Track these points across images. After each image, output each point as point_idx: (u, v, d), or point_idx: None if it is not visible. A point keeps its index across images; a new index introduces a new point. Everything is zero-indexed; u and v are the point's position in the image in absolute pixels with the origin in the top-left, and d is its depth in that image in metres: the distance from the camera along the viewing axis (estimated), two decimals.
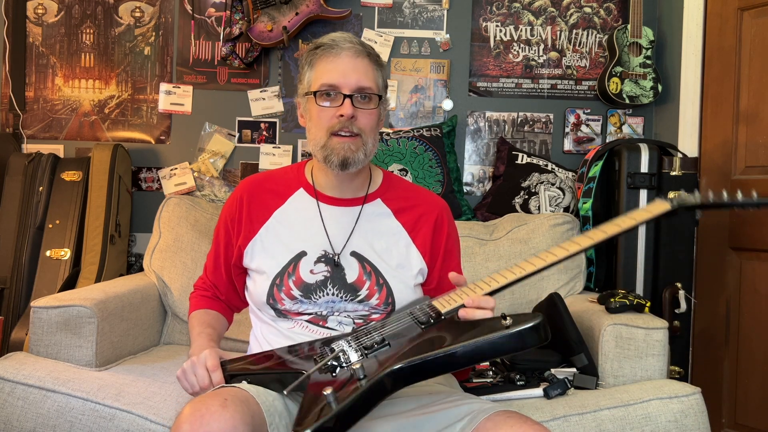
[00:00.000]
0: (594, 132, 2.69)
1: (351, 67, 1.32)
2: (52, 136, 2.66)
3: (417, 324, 1.19)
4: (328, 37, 1.36)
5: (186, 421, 1.04)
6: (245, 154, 2.67)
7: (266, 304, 1.38)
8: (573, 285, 2.21)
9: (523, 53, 2.69)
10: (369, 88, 1.33)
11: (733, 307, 2.23)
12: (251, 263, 1.42)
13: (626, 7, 2.61)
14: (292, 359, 1.25)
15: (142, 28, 2.67)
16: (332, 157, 1.33)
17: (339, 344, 1.20)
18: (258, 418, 1.12)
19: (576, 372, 1.76)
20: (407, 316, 1.24)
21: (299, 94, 1.42)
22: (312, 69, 1.36)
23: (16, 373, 1.55)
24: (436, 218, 1.45)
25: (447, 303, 1.20)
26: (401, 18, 2.67)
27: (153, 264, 2.17)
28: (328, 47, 1.34)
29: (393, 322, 1.24)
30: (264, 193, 1.46)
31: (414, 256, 1.41)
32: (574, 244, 1.19)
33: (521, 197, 2.53)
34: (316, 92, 1.33)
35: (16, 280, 2.32)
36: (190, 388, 1.26)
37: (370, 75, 1.34)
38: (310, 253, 1.38)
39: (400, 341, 1.15)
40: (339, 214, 1.41)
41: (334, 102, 1.32)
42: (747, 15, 2.24)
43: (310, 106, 1.36)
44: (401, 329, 1.20)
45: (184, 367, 1.27)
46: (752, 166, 2.21)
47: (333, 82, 1.32)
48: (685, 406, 1.58)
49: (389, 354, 1.12)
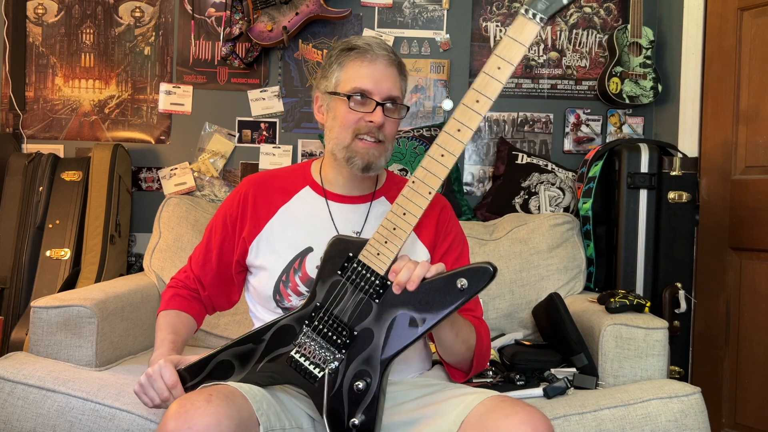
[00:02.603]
0: (594, 132, 2.69)
1: (385, 75, 1.34)
2: (52, 136, 2.66)
3: (368, 297, 1.19)
4: (362, 40, 1.36)
5: (171, 418, 1.06)
6: (245, 154, 2.67)
7: (272, 300, 1.38)
8: (573, 285, 2.21)
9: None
10: (398, 97, 1.36)
11: (733, 307, 2.23)
12: (256, 260, 1.41)
13: (626, 7, 2.61)
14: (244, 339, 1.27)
15: (142, 28, 2.67)
16: (356, 159, 1.34)
17: (316, 353, 1.20)
18: (245, 411, 1.12)
19: (576, 372, 1.76)
20: (349, 284, 1.21)
21: (321, 90, 1.41)
22: (342, 69, 1.36)
23: (16, 373, 1.55)
24: (439, 212, 1.46)
25: (377, 259, 1.19)
26: (401, 18, 2.67)
27: (153, 264, 2.17)
28: (363, 51, 1.34)
29: (339, 296, 1.21)
30: (269, 189, 1.46)
31: (419, 249, 1.42)
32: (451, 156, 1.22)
33: (521, 197, 2.53)
34: (350, 95, 1.33)
35: (16, 280, 2.32)
36: (150, 402, 1.24)
37: (398, 84, 1.37)
38: (317, 249, 1.38)
39: (366, 326, 1.19)
40: (348, 211, 1.42)
41: (366, 108, 1.33)
42: (747, 15, 2.24)
43: (336, 105, 1.37)
44: (358, 309, 1.19)
45: (141, 382, 1.24)
46: (752, 166, 2.21)
47: (367, 87, 1.33)
48: (685, 406, 1.58)
49: (364, 347, 1.18)
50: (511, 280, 2.19)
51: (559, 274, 2.20)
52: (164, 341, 1.35)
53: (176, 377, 1.22)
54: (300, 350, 1.21)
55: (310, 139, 2.66)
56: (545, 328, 2.01)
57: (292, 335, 1.22)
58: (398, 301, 1.17)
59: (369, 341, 1.18)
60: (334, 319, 1.21)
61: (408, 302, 1.17)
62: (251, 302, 1.49)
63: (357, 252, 1.21)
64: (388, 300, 1.18)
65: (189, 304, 1.48)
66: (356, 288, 1.20)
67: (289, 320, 1.23)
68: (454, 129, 1.17)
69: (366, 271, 1.19)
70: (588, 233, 2.30)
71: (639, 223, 2.19)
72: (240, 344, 1.24)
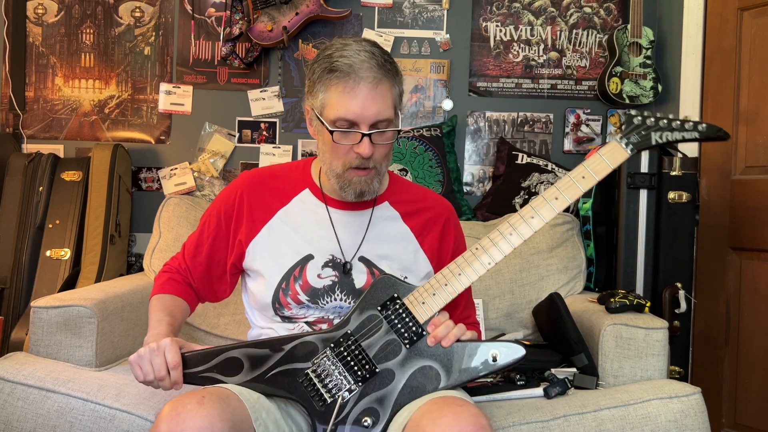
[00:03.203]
0: (594, 132, 2.69)
1: (370, 100, 1.23)
2: (52, 136, 2.66)
3: (400, 339, 1.21)
4: (344, 58, 1.23)
5: (163, 420, 1.05)
6: (245, 154, 2.67)
7: (270, 308, 1.35)
8: (573, 285, 2.21)
9: (523, 53, 2.69)
10: (387, 119, 1.25)
11: (733, 307, 2.23)
12: (253, 264, 1.38)
13: (626, 7, 2.61)
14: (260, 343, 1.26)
15: (142, 28, 2.67)
16: (348, 189, 1.30)
17: (332, 378, 1.21)
18: (240, 414, 1.11)
19: (576, 372, 1.76)
20: (385, 322, 1.22)
21: (308, 103, 1.32)
22: (326, 91, 1.26)
23: (16, 373, 1.55)
24: (444, 222, 1.43)
25: (421, 307, 1.22)
26: (401, 18, 2.67)
27: (153, 264, 2.17)
28: (345, 75, 1.23)
29: (373, 330, 1.23)
30: (266, 190, 1.41)
31: (421, 260, 1.40)
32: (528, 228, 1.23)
33: (521, 197, 2.53)
34: (332, 130, 1.25)
35: (16, 280, 2.32)
36: (142, 376, 1.19)
37: (389, 100, 1.26)
38: (318, 256, 1.35)
39: (389, 367, 1.21)
40: (349, 218, 1.39)
41: (352, 140, 1.25)
42: (747, 15, 2.24)
43: (323, 130, 1.28)
44: (386, 348, 1.22)
45: (141, 353, 1.19)
46: (752, 166, 2.21)
47: (351, 118, 1.23)
48: (685, 406, 1.58)
49: (381, 386, 1.20)
50: (511, 280, 2.19)
51: (559, 274, 2.20)
52: (161, 322, 1.30)
53: (179, 359, 1.20)
54: (317, 370, 1.22)
55: (310, 139, 2.66)
56: (545, 328, 2.01)
57: (312, 353, 1.23)
58: (428, 353, 1.21)
59: (388, 382, 1.20)
60: (360, 350, 1.22)
61: (437, 356, 1.21)
62: (248, 306, 1.46)
63: (402, 295, 1.24)
64: (418, 348, 1.21)
65: (184, 290, 1.43)
66: (392, 328, 1.22)
67: (314, 338, 1.23)
68: (528, 215, 1.23)
69: (406, 315, 1.22)
70: (588, 233, 2.30)
71: (639, 223, 2.19)
72: (257, 347, 1.24)
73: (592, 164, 1.22)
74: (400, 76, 1.31)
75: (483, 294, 2.17)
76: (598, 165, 1.22)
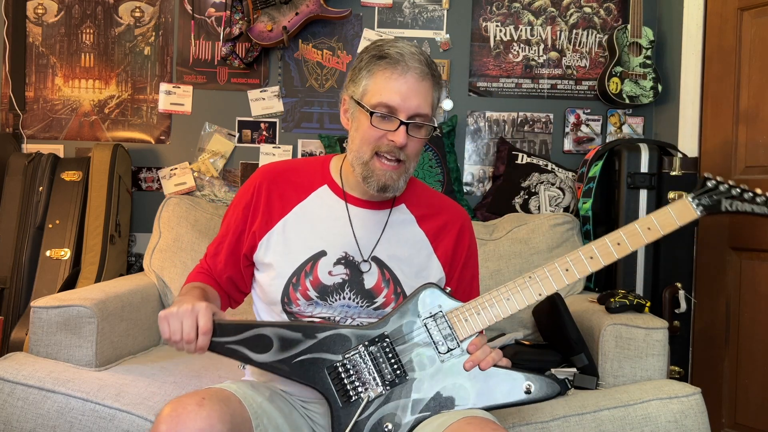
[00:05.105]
0: (594, 132, 2.69)
1: (414, 91, 1.25)
2: (52, 136, 2.66)
3: (436, 352, 1.22)
4: (395, 48, 1.26)
5: (163, 421, 1.05)
6: (245, 154, 2.67)
7: (279, 303, 1.33)
8: (573, 285, 2.21)
9: (523, 53, 2.69)
10: (426, 115, 1.27)
11: (733, 307, 2.23)
12: (265, 257, 1.36)
13: (626, 7, 2.61)
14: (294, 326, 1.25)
15: (142, 28, 2.67)
16: (372, 180, 1.29)
17: (361, 375, 1.21)
18: (240, 417, 1.11)
19: (576, 372, 1.76)
20: (425, 332, 1.23)
21: (348, 93, 1.33)
22: (371, 77, 1.27)
23: (16, 373, 1.55)
24: (459, 229, 1.43)
25: (463, 323, 1.23)
26: (401, 18, 2.67)
27: (153, 264, 2.17)
28: (394, 61, 1.25)
29: (410, 337, 1.23)
30: (285, 184, 1.39)
31: (434, 266, 1.39)
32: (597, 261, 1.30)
33: (521, 197, 2.53)
34: (372, 112, 1.25)
35: (16, 280, 2.32)
36: (168, 333, 1.16)
37: (429, 99, 1.28)
38: (330, 253, 1.34)
39: (420, 377, 1.20)
40: (367, 217, 1.37)
41: (389, 126, 1.25)
42: (747, 15, 2.24)
43: (360, 116, 1.29)
44: (421, 357, 1.21)
45: (173, 311, 1.16)
46: (752, 166, 2.21)
47: (392, 104, 1.24)
48: (685, 406, 1.58)
49: (408, 395, 1.19)
50: (511, 280, 2.19)
51: None
52: (195, 289, 1.29)
53: (211, 325, 1.17)
54: (347, 365, 1.21)
55: (310, 139, 2.66)
56: (545, 328, 2.01)
57: (345, 347, 1.22)
58: (462, 371, 1.21)
59: (416, 391, 1.20)
60: (394, 353, 1.21)
61: (471, 376, 1.20)
62: (257, 300, 1.44)
63: (446, 308, 1.24)
64: (453, 364, 1.21)
65: (212, 283, 1.42)
66: (430, 338, 1.22)
67: (349, 332, 1.23)
68: (587, 256, 1.29)
69: (448, 329, 1.22)
70: (588, 233, 2.30)
71: None
72: (290, 329, 1.22)
73: (660, 218, 1.27)
74: (442, 86, 1.34)
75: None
76: (665, 220, 1.27)
